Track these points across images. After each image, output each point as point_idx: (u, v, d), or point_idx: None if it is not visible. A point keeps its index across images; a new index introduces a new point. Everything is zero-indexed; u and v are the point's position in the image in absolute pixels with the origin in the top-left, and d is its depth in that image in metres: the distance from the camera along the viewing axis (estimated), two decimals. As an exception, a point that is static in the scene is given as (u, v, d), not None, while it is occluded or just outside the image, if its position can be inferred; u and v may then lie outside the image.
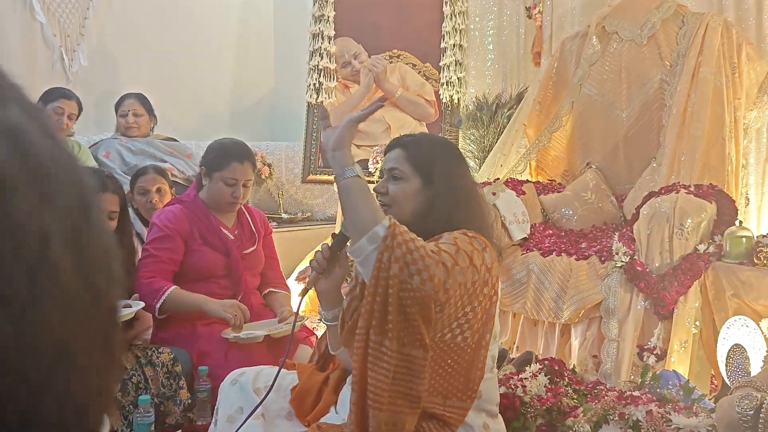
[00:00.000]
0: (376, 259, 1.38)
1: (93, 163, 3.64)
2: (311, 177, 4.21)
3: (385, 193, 1.64)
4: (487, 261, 1.52)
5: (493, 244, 1.65)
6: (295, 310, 2.35)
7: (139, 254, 2.62)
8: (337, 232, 1.70)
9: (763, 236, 2.51)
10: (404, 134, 1.80)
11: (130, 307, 2.19)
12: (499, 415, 1.71)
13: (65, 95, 3.45)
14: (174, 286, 2.35)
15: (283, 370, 1.76)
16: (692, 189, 2.66)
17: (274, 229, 3.79)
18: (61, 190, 0.30)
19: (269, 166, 4.32)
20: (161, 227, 2.45)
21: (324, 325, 1.80)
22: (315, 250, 3.68)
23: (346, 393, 1.71)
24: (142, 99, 3.91)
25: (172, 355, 2.28)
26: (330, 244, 1.67)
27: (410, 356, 1.41)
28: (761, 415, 1.17)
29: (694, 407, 1.88)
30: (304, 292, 1.70)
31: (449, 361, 1.49)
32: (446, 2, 4.05)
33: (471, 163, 4.03)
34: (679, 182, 2.75)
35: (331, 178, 4.12)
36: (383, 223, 1.40)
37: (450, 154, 1.70)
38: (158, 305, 2.32)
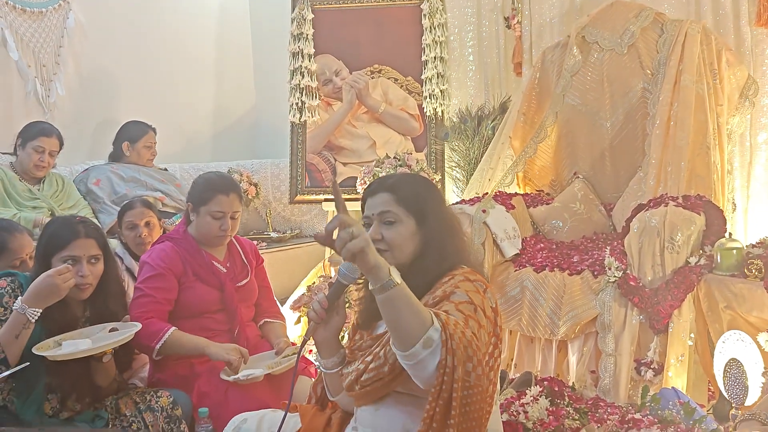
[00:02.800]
0: (440, 364, 1.36)
1: (77, 196, 3.60)
2: (299, 198, 4.18)
3: (381, 239, 1.64)
4: (492, 302, 1.54)
5: (483, 273, 1.67)
6: (295, 353, 2.35)
7: (130, 290, 2.59)
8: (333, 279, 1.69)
9: (753, 246, 2.53)
10: (382, 177, 1.78)
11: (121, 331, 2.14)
12: (504, 449, 1.71)
13: (44, 132, 3.40)
14: (173, 328, 2.32)
15: (285, 413, 1.75)
16: (680, 201, 2.68)
17: (263, 250, 3.79)
18: None
19: (255, 185, 4.30)
20: (153, 266, 2.42)
21: (322, 370, 1.78)
22: (308, 285, 3.64)
23: (349, 435, 1.71)
24: (155, 131, 3.95)
25: (171, 398, 2.25)
26: (327, 294, 1.66)
27: None
28: (769, 456, 1.18)
29: (696, 429, 1.90)
30: (302, 344, 1.69)
31: (487, 416, 1.50)
32: (425, 15, 4.04)
33: (458, 175, 4.03)
34: (666, 194, 2.77)
35: (320, 197, 4.11)
36: (435, 326, 1.39)
37: (433, 190, 1.71)
38: (158, 347, 2.29)
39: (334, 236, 1.44)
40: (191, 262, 2.48)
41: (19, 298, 1.99)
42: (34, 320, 1.96)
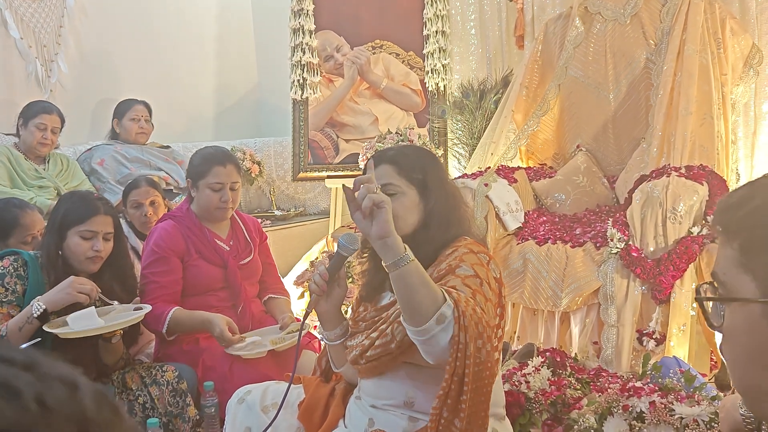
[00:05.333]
0: (453, 341, 1.36)
1: (82, 176, 3.61)
2: (302, 175, 4.19)
3: None
4: (495, 273, 1.54)
5: (484, 243, 1.68)
6: (299, 329, 2.36)
7: (135, 265, 2.62)
8: (334, 251, 1.70)
9: (756, 215, 2.52)
10: (384, 149, 1.78)
11: (139, 310, 2.19)
12: (506, 417, 1.73)
13: (45, 110, 3.40)
14: (173, 309, 2.35)
15: (289, 385, 1.77)
16: (683, 171, 2.67)
17: (267, 228, 3.81)
18: None
19: (259, 164, 4.30)
20: (155, 250, 2.44)
21: (325, 342, 1.80)
22: (310, 260, 3.65)
23: (352, 405, 1.73)
24: (147, 106, 3.90)
25: (176, 373, 2.28)
26: (328, 266, 1.67)
27: None
28: (764, 418, 1.19)
29: (696, 396, 1.91)
30: (305, 316, 1.70)
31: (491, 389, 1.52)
32: (426, -12, 4.01)
33: (460, 150, 4.02)
34: (669, 164, 2.75)
35: (323, 174, 4.11)
36: (448, 302, 1.38)
37: (435, 161, 1.72)
38: (164, 330, 2.33)
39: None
40: (194, 240, 2.50)
41: (38, 297, 2.04)
42: (36, 314, 1.99)
